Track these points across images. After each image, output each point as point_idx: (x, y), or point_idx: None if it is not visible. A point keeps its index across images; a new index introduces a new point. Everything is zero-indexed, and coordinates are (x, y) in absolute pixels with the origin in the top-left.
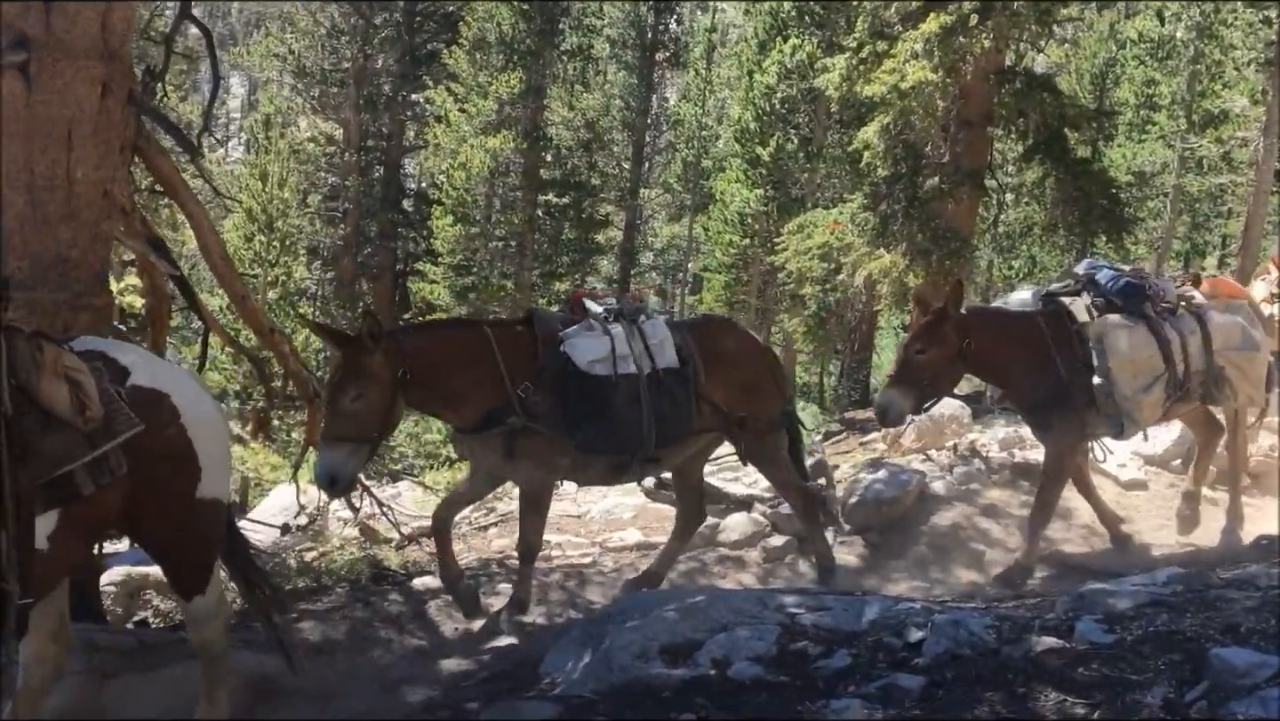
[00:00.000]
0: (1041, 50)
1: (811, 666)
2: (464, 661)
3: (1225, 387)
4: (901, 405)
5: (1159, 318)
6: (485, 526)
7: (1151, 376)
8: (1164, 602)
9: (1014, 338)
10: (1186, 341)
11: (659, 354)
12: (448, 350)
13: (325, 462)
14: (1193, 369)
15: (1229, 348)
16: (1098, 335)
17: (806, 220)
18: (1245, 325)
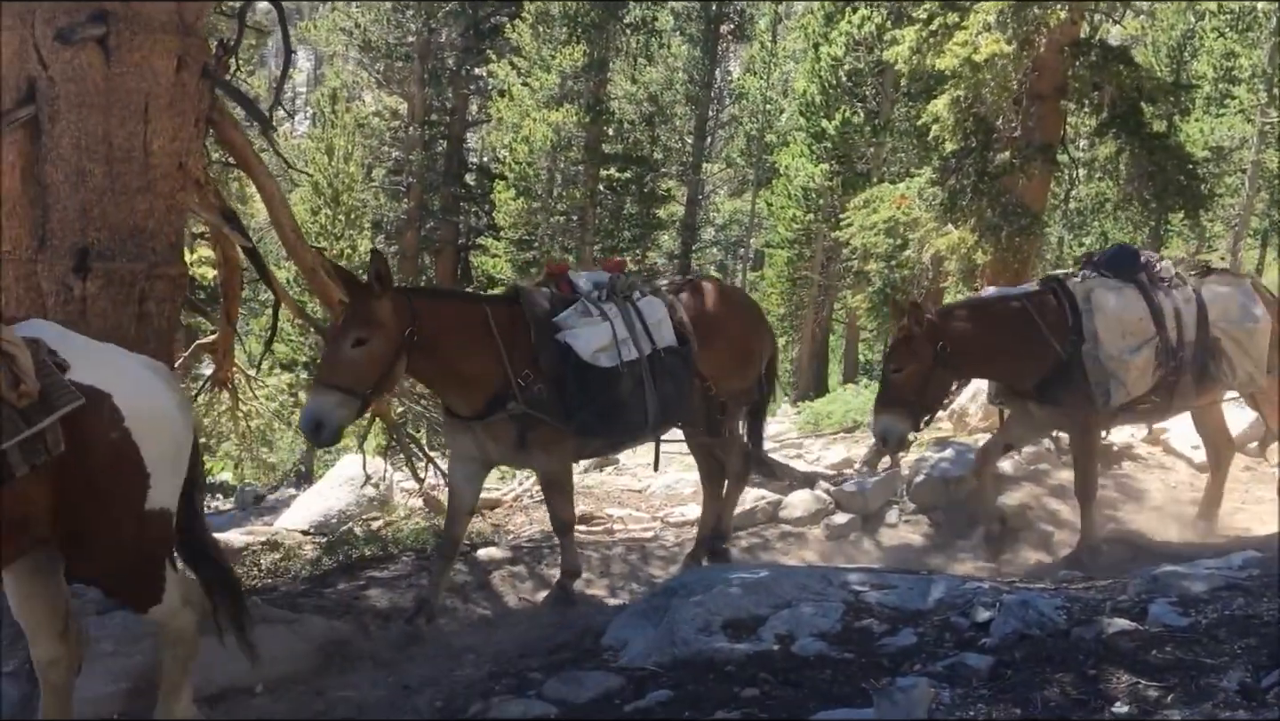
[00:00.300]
0: (1118, 22)
1: (876, 644)
2: (528, 631)
3: (1222, 362)
4: (899, 427)
5: (1152, 285)
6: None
7: (1141, 339)
8: (1239, 586)
9: (995, 326)
10: (1181, 310)
11: (658, 333)
12: (458, 321)
13: (313, 408)
14: (1186, 339)
15: (1226, 320)
16: (1085, 294)
17: (872, 195)
18: (1245, 299)
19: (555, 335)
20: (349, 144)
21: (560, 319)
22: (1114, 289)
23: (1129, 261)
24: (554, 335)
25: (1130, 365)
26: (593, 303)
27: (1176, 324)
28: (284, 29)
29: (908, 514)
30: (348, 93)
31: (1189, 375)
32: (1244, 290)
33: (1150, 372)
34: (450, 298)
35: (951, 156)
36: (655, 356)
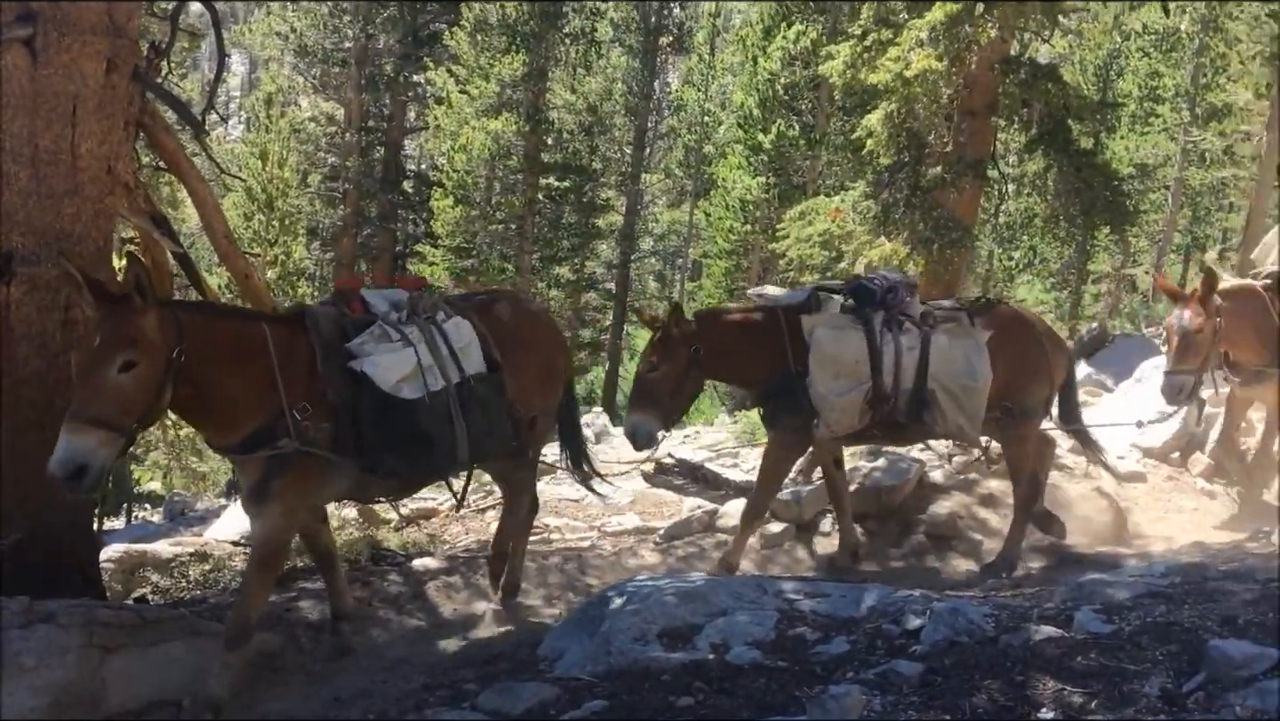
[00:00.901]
0: (1046, 40)
1: (810, 652)
2: (462, 642)
3: (936, 412)
4: (649, 427)
5: (884, 328)
6: (484, 509)
7: (854, 382)
8: (1162, 594)
9: (745, 336)
10: (902, 357)
11: (466, 359)
12: (230, 342)
13: (71, 450)
14: (902, 386)
15: (946, 374)
16: (809, 329)
17: (808, 207)
18: (972, 354)
19: (347, 362)
20: (284, 149)
21: (354, 344)
22: (838, 328)
23: (865, 300)
24: (346, 362)
25: (835, 405)
26: (392, 325)
27: (895, 370)
28: (218, 32)
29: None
30: (283, 97)
31: (902, 419)
32: (974, 344)
33: (857, 414)
34: (224, 315)
35: (885, 170)
36: (464, 385)
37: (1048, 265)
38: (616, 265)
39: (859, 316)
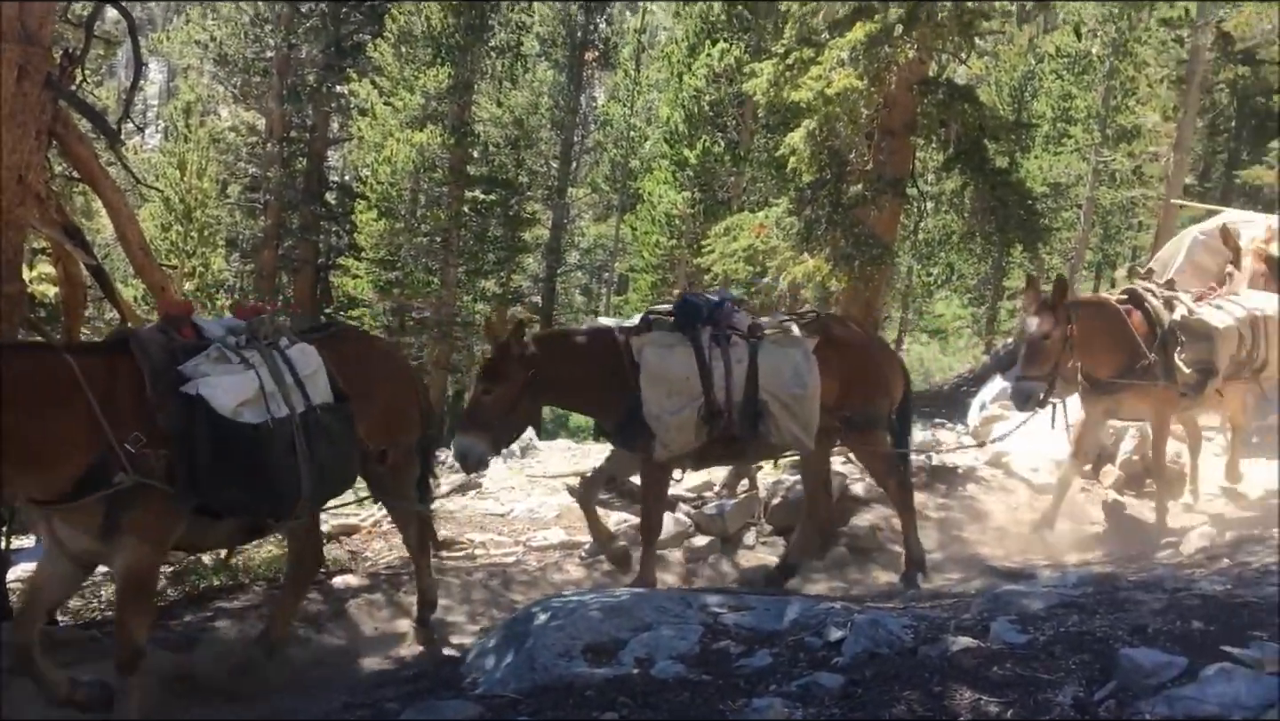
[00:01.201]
0: (963, 62)
1: (733, 665)
2: (384, 661)
3: (770, 423)
4: (479, 449)
5: (711, 343)
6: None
7: (687, 399)
8: (1075, 604)
9: (584, 359)
10: (732, 370)
11: (312, 387)
12: (24, 381)
13: None
14: (734, 400)
15: (776, 384)
16: (637, 349)
17: (733, 223)
18: (800, 363)
19: (180, 386)
20: (203, 159)
21: (187, 366)
22: (665, 346)
23: (692, 316)
24: (178, 386)
25: (670, 425)
26: (230, 349)
27: (726, 383)
28: (134, 40)
29: (765, 536)
30: (202, 106)
31: (738, 433)
32: (802, 353)
33: (693, 431)
34: (18, 353)
35: (807, 187)
36: (310, 414)
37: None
38: (543, 279)
39: (686, 333)
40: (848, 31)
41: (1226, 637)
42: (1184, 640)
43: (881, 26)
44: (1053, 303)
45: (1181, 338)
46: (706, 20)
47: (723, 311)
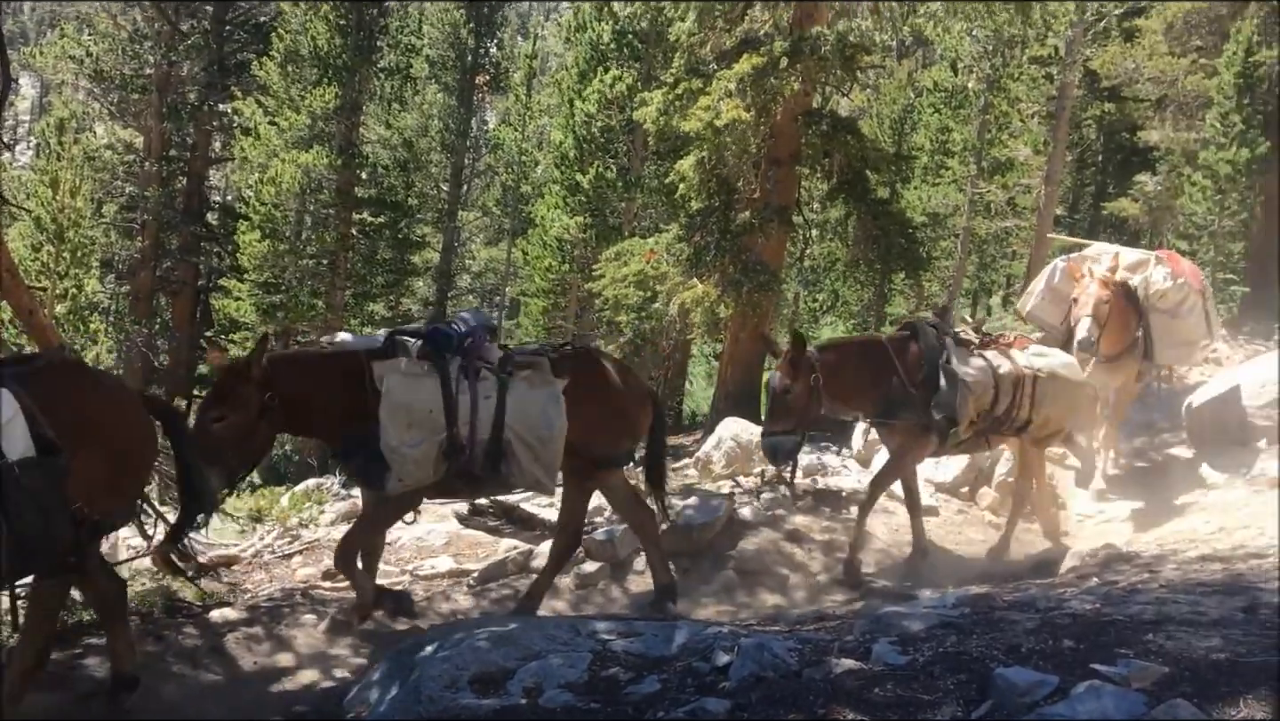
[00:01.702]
0: (846, 95)
1: (622, 692)
2: (264, 696)
3: (512, 464)
4: (212, 484)
5: (460, 375)
6: (289, 555)
7: (428, 432)
8: (953, 624)
9: (327, 383)
10: (479, 406)
11: (7, 439)
12: None
13: None
14: (478, 437)
15: (522, 424)
16: (379, 377)
17: (624, 248)
18: (549, 405)
19: None
20: (77, 177)
21: None
22: (410, 375)
23: (442, 345)
24: None
25: (407, 458)
26: None
27: (471, 419)
28: (2, 54)
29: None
30: (77, 123)
31: (478, 471)
32: (551, 394)
33: (432, 466)
34: None
35: (697, 214)
36: (4, 472)
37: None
38: (433, 303)
39: (435, 363)
40: (735, 63)
41: (1096, 655)
42: (1056, 658)
43: (767, 59)
44: (792, 357)
45: (941, 381)
46: (597, 48)
47: (474, 342)
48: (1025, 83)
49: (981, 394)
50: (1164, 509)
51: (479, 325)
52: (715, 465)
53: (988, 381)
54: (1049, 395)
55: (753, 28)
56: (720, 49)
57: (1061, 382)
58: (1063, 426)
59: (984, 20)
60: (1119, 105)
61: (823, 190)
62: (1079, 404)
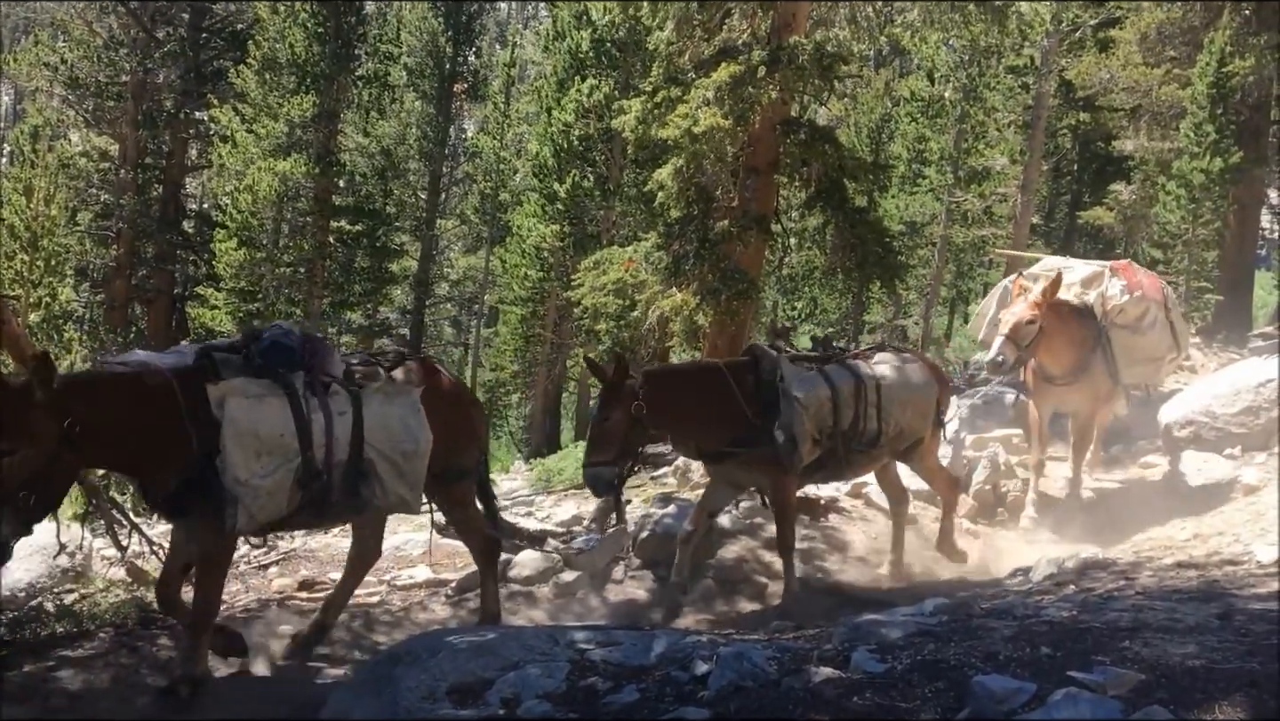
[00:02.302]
0: (824, 104)
1: (601, 702)
2: (238, 706)
3: (374, 485)
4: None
5: (308, 392)
6: (265, 565)
7: (281, 460)
8: (931, 632)
9: (135, 407)
10: (334, 425)
11: None
12: None
13: None
14: (336, 458)
15: (384, 440)
16: (218, 401)
17: (602, 257)
18: (409, 416)
19: None
20: (51, 185)
21: None
22: (254, 396)
23: (284, 360)
24: None
25: (260, 489)
26: None
27: (327, 441)
28: None
29: (633, 570)
30: (52, 131)
31: (336, 496)
32: (410, 404)
33: (287, 497)
34: None
35: (675, 223)
36: None
37: (828, 315)
38: (411, 311)
39: (278, 380)
40: (713, 71)
41: (1073, 662)
42: (1033, 666)
43: (745, 67)
44: (612, 383)
45: None
46: (575, 56)
47: (317, 354)
48: (1001, 92)
49: (818, 409)
50: None
51: (318, 337)
52: (694, 473)
53: (823, 395)
54: (895, 402)
55: (731, 36)
56: (699, 58)
57: (905, 388)
58: (921, 434)
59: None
60: (1094, 115)
61: (801, 198)
62: (927, 409)
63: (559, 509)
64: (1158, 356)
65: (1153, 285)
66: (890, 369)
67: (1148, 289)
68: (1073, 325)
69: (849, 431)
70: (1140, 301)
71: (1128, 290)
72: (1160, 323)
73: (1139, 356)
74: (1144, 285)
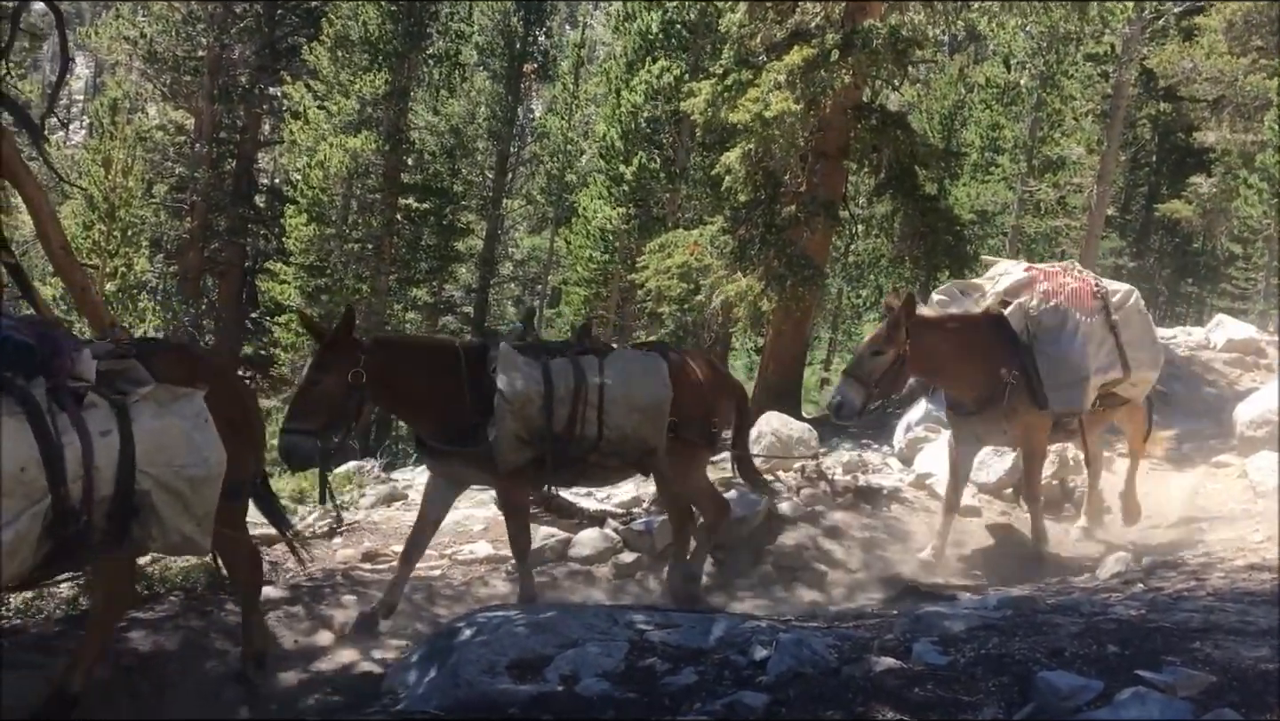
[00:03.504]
0: (896, 89)
1: (659, 683)
2: (304, 674)
3: (150, 524)
4: None
5: (55, 407)
6: (331, 534)
7: (24, 501)
8: (994, 626)
9: None
10: (95, 447)
11: None
12: None
13: None
14: (99, 493)
15: (163, 464)
16: None
17: (667, 240)
18: (194, 430)
19: None
20: (129, 157)
21: None
22: None
23: (17, 360)
24: None
25: None
26: None
27: (87, 469)
28: (61, 35)
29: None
30: (129, 104)
31: (96, 539)
32: (193, 411)
33: (32, 549)
34: None
35: (742, 207)
36: None
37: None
38: (475, 289)
39: (10, 393)
40: (785, 55)
41: (1141, 661)
42: (1100, 663)
43: (818, 52)
44: (331, 342)
45: None
46: (645, 38)
47: (60, 352)
48: (1079, 80)
49: (523, 406)
50: None
51: (60, 333)
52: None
53: (533, 391)
54: (619, 405)
55: (804, 20)
56: (770, 41)
57: (633, 392)
58: (652, 444)
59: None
60: (1175, 105)
61: (870, 185)
62: (659, 417)
63: (619, 489)
64: (1081, 378)
65: (1082, 293)
66: (621, 370)
67: (1072, 296)
68: (979, 344)
69: (563, 434)
70: (1058, 312)
71: (1047, 297)
72: (1090, 337)
73: (1060, 380)
74: (1067, 293)
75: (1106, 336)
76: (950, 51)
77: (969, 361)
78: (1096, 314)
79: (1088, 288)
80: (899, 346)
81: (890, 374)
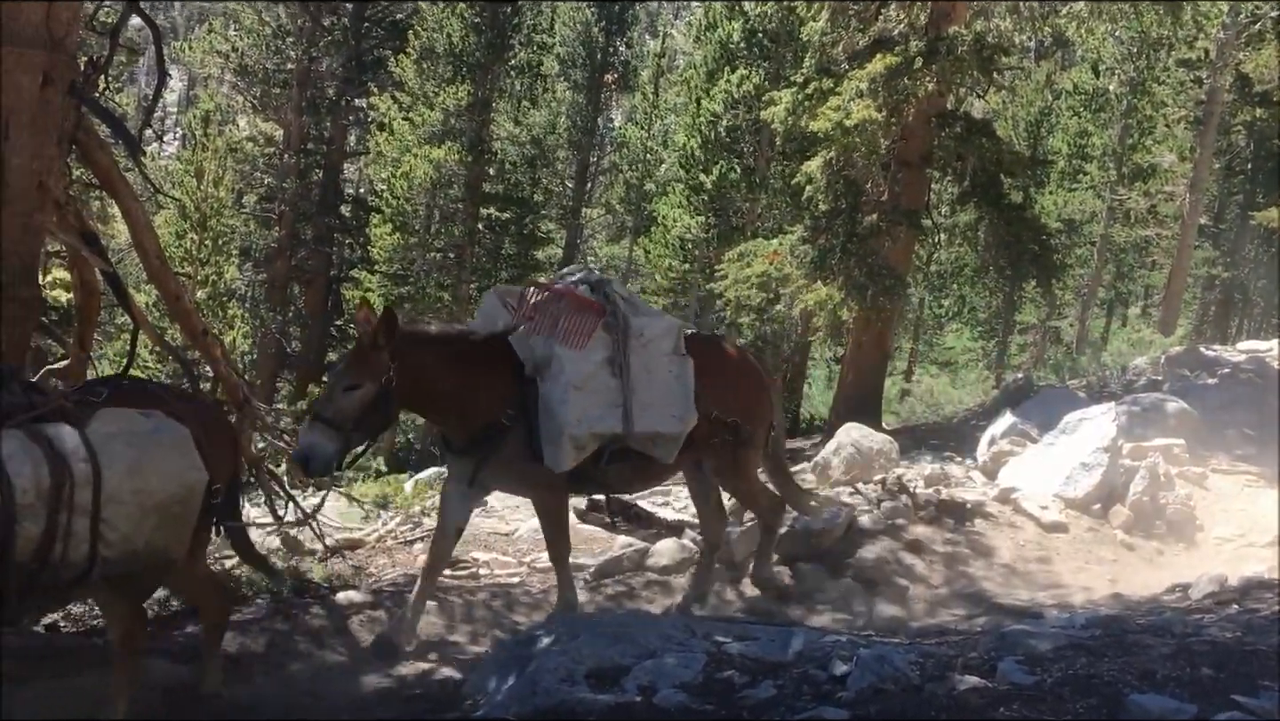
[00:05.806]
0: (981, 96)
1: (737, 696)
2: (384, 679)
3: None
4: None
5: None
6: (411, 541)
7: None
8: (1083, 646)
9: None
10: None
11: None
12: None
13: None
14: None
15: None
16: None
17: (747, 249)
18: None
19: None
20: (220, 168)
21: None
22: None
23: None
24: None
25: None
26: None
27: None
28: (158, 49)
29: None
30: (221, 116)
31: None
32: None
33: None
34: None
35: (823, 216)
36: None
37: (976, 314)
38: None
39: None
40: (867, 63)
41: (1236, 686)
42: (1193, 687)
43: (902, 59)
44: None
45: None
46: (726, 47)
47: None
48: (1171, 86)
49: None
50: None
51: None
52: (834, 471)
53: None
54: (121, 505)
55: (887, 27)
56: (853, 49)
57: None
58: (172, 556)
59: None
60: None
61: (953, 193)
62: (185, 514)
63: None
64: (559, 433)
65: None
66: (123, 443)
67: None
68: (479, 378)
69: (32, 562)
70: (545, 344)
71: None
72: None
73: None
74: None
75: (608, 380)
76: (1037, 57)
77: (473, 398)
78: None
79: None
80: (379, 376)
81: (371, 411)
